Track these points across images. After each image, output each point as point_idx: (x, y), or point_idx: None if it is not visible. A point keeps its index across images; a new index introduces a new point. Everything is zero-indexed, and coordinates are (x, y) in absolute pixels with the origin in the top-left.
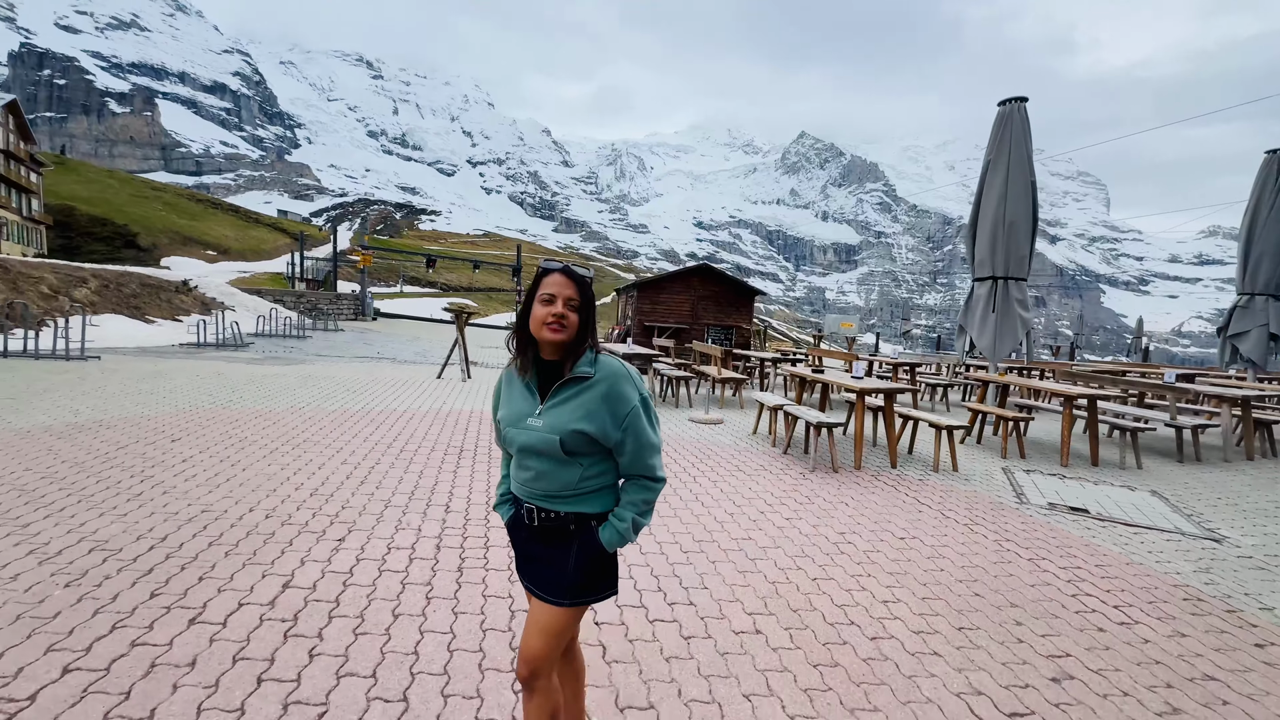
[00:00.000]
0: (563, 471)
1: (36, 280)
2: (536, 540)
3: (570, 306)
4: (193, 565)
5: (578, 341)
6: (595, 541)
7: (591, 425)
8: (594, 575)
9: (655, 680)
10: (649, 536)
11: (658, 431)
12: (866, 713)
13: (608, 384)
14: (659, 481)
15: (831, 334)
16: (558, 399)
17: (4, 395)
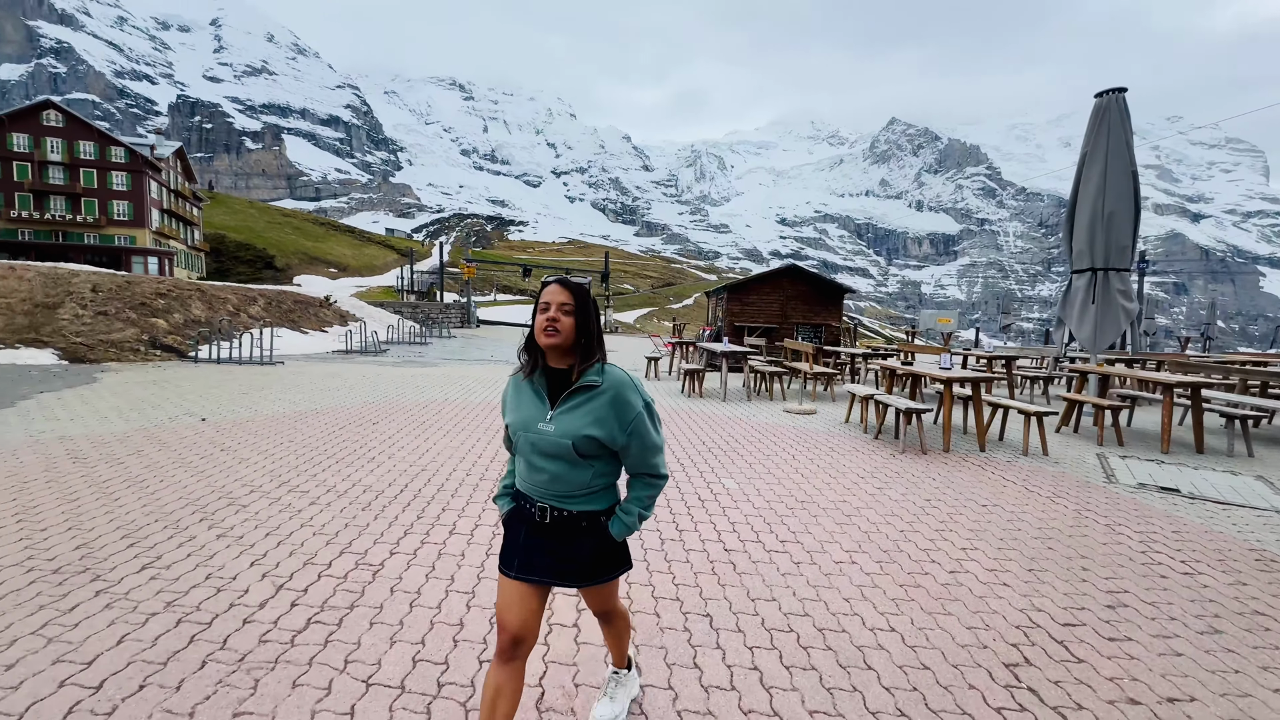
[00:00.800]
0: (575, 473)
1: (223, 301)
2: (545, 535)
3: (563, 311)
4: (435, 499)
5: (578, 345)
6: (605, 534)
7: (601, 430)
8: (608, 561)
9: (775, 585)
10: (755, 494)
11: (660, 433)
12: (942, 615)
13: (614, 392)
14: (662, 479)
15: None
16: (568, 405)
17: (239, 391)
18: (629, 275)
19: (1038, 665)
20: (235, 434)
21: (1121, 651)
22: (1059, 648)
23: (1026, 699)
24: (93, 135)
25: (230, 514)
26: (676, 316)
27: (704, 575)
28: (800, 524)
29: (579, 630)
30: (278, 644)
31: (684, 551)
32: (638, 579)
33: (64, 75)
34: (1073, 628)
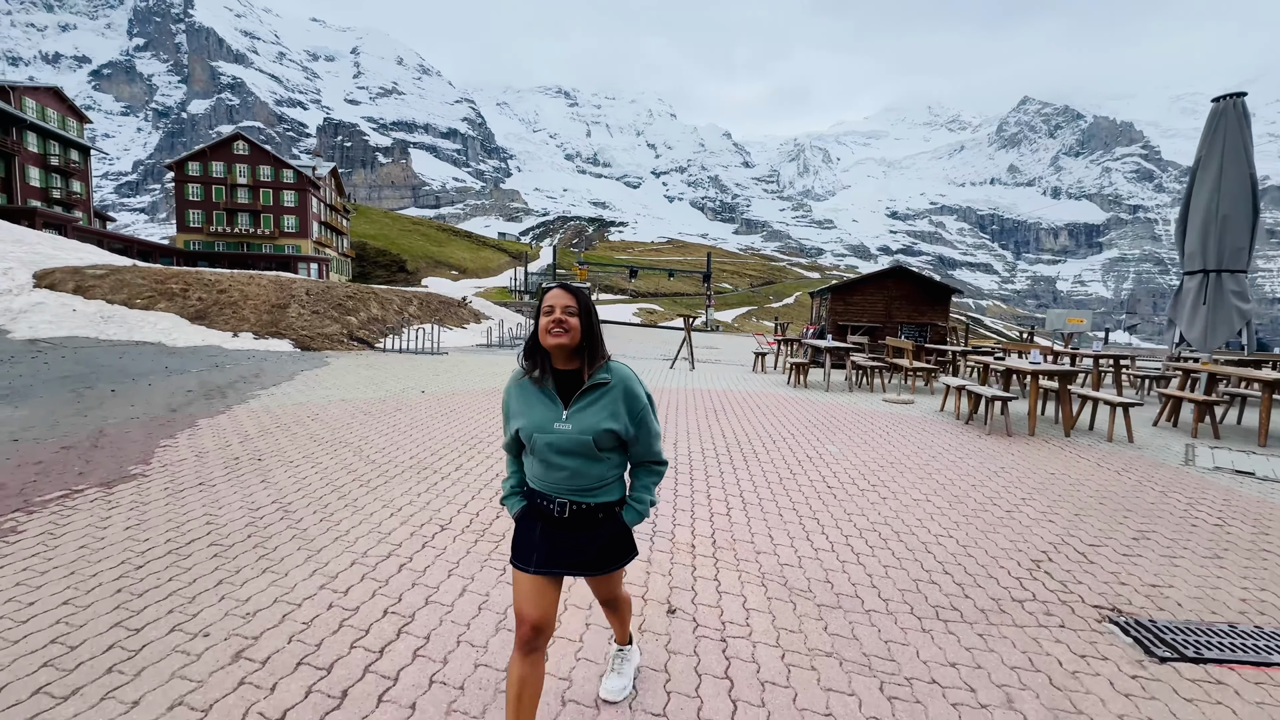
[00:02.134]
0: (594, 467)
1: (390, 302)
2: (563, 529)
3: (568, 313)
4: None
5: (586, 346)
6: (618, 522)
7: (617, 423)
8: (621, 548)
9: (865, 509)
10: (853, 455)
11: (658, 421)
12: (992, 534)
13: (622, 386)
14: (663, 464)
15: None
16: (583, 403)
17: (431, 373)
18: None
19: (1056, 563)
20: (450, 402)
21: (1129, 562)
22: (1079, 556)
23: (1040, 575)
24: (270, 160)
25: (475, 453)
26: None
27: (811, 499)
28: (888, 476)
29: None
30: None
31: (796, 486)
32: (766, 495)
33: (237, 106)
34: (1096, 548)
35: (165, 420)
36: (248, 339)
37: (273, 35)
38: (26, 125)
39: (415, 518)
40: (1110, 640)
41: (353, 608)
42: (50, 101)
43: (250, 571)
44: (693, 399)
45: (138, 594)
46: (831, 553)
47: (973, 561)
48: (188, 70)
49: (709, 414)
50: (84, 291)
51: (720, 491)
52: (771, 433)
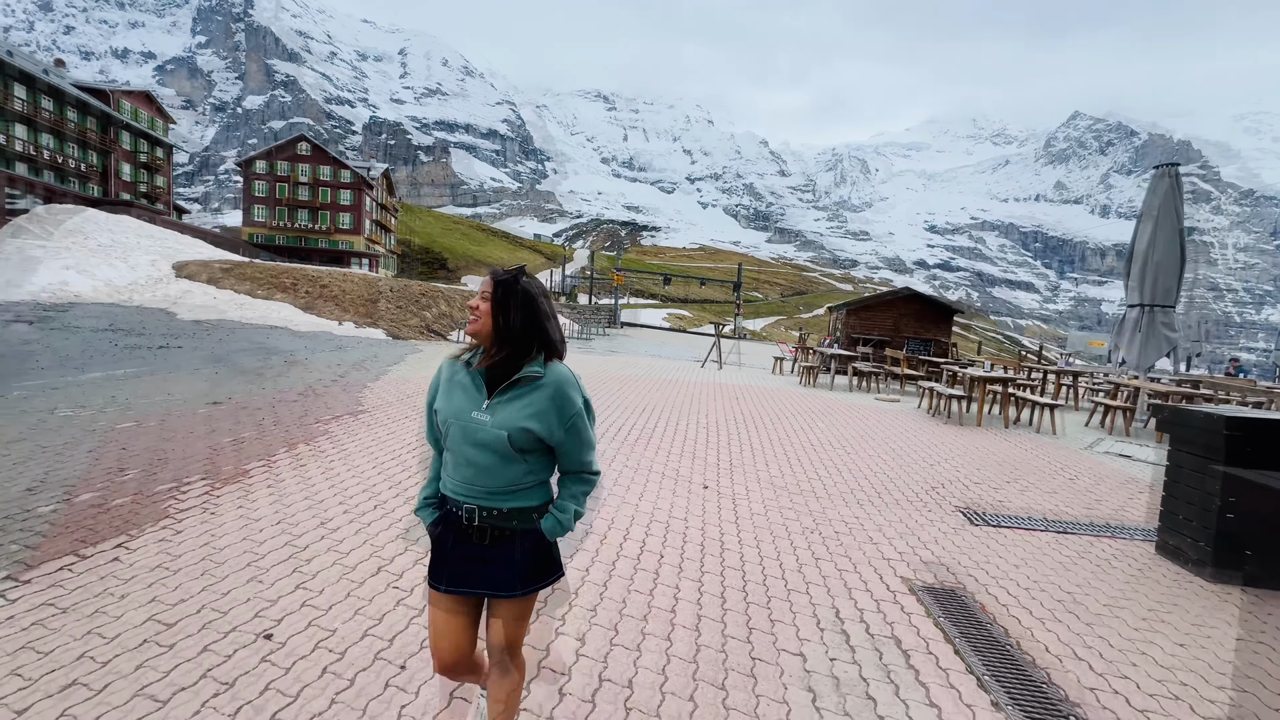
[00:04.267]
0: (506, 468)
1: (453, 300)
2: (476, 539)
3: (483, 298)
4: (674, 420)
5: (506, 339)
6: (537, 532)
7: (538, 424)
8: (541, 563)
9: (836, 458)
10: (833, 431)
11: (594, 432)
12: (910, 471)
13: (554, 387)
14: (595, 475)
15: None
16: (506, 396)
17: None
18: (759, 283)
19: (945, 487)
20: None
21: (993, 490)
22: (961, 486)
23: (930, 492)
24: (329, 161)
25: None
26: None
27: (798, 449)
28: (855, 442)
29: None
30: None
31: (789, 443)
32: (767, 446)
33: (289, 103)
34: (976, 484)
35: (342, 383)
36: (350, 327)
37: (325, 35)
38: (122, 125)
39: None
40: (955, 519)
41: None
42: (142, 103)
43: None
44: (719, 390)
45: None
46: (803, 474)
47: (891, 484)
48: (244, 67)
49: (731, 400)
50: (215, 282)
51: (737, 443)
52: (778, 414)
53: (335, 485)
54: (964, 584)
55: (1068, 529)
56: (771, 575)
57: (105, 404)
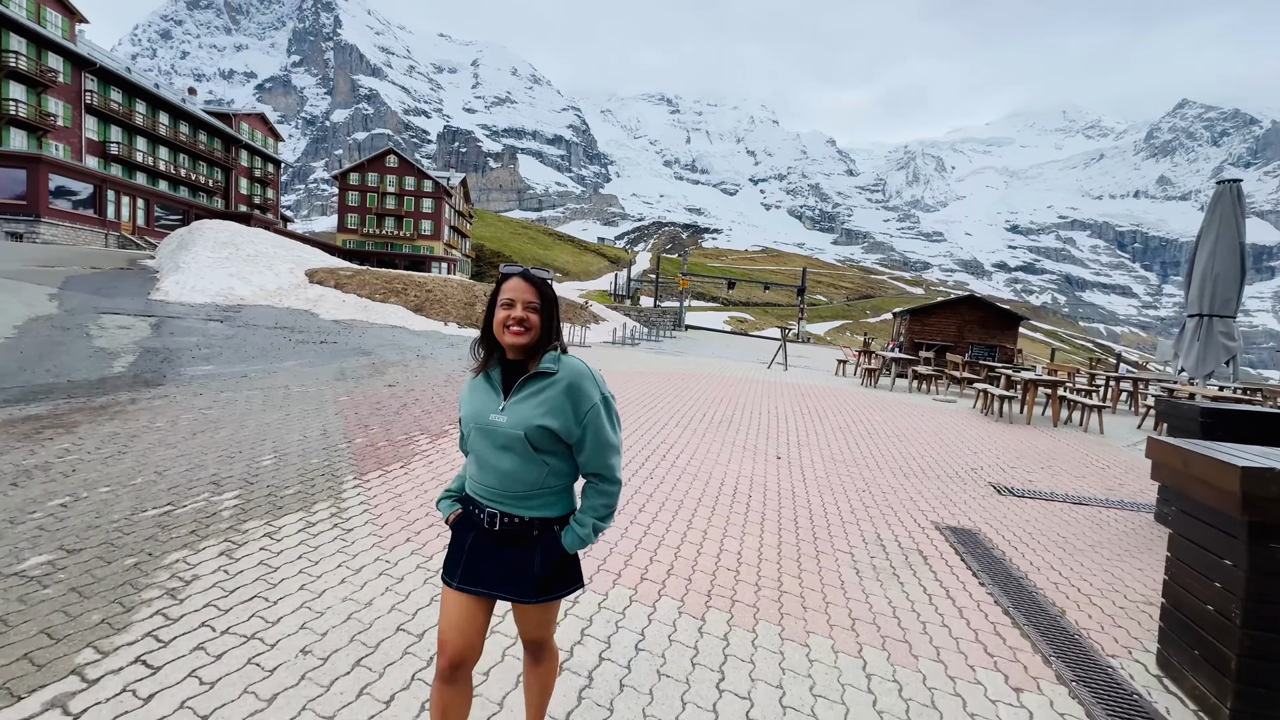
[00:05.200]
0: (528, 470)
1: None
2: (495, 544)
3: (530, 309)
4: (748, 409)
5: (542, 342)
6: (557, 544)
7: (555, 420)
8: (559, 574)
9: (890, 444)
10: (890, 423)
11: (618, 433)
12: (956, 457)
13: (569, 380)
14: (616, 484)
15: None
16: (521, 394)
17: (596, 360)
18: (823, 286)
19: (985, 471)
20: (628, 380)
21: (1025, 473)
22: (999, 468)
23: (971, 474)
24: (414, 172)
25: (655, 402)
26: (867, 331)
27: (856, 436)
28: (908, 433)
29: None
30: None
31: (849, 431)
32: (829, 432)
33: (371, 115)
34: (1013, 467)
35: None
36: (454, 328)
37: (405, 50)
38: (241, 144)
39: (650, 420)
40: (985, 490)
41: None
42: (257, 124)
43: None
44: (785, 388)
45: (622, 403)
46: (859, 453)
47: (934, 464)
48: (333, 83)
49: (797, 396)
50: (340, 287)
51: (802, 428)
52: (839, 408)
53: None
54: (979, 528)
55: (1082, 502)
56: (831, 513)
57: (315, 382)
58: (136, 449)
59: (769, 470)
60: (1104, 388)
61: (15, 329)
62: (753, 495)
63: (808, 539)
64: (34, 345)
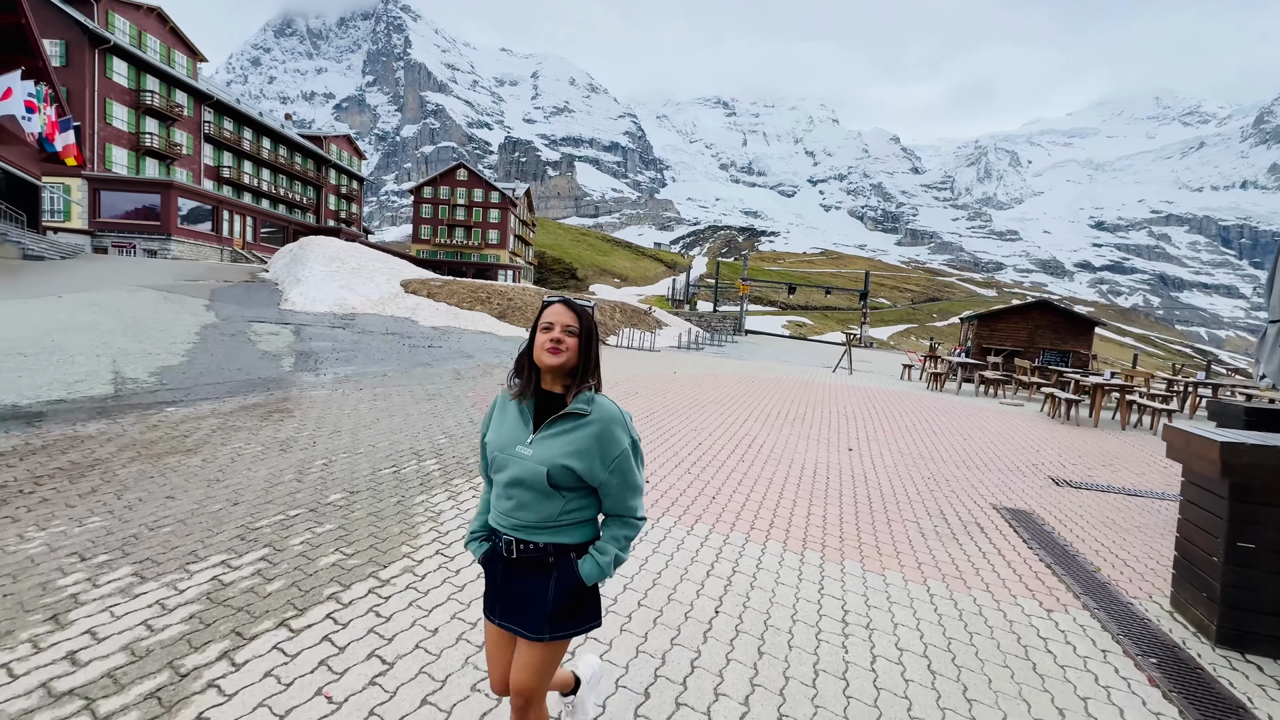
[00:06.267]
0: (545, 504)
1: (604, 309)
2: (515, 573)
3: (568, 332)
4: (818, 408)
5: (580, 370)
6: (574, 573)
7: (580, 463)
8: (573, 607)
9: (952, 442)
10: (955, 423)
11: (642, 474)
12: (1020, 453)
13: (601, 425)
14: (640, 520)
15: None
16: (550, 431)
17: (664, 363)
18: (886, 289)
19: (1046, 466)
20: (704, 382)
21: (1085, 469)
22: (1059, 463)
23: (1032, 468)
24: (482, 184)
25: (733, 401)
26: (933, 335)
27: (923, 434)
28: (974, 433)
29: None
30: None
31: (915, 430)
32: (895, 430)
33: (437, 129)
34: (1073, 464)
35: None
36: None
37: (469, 65)
38: (331, 164)
39: (732, 415)
40: (1044, 481)
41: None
42: (344, 145)
43: (681, 417)
44: (851, 390)
45: (703, 401)
46: (924, 447)
47: (996, 459)
48: (403, 100)
49: (863, 398)
50: (433, 296)
51: (870, 425)
52: (904, 409)
53: None
54: (1033, 510)
55: (1137, 494)
56: (899, 493)
57: (440, 381)
58: (346, 429)
59: (842, 459)
60: (1182, 393)
61: (197, 335)
62: (830, 478)
63: (879, 511)
64: (219, 349)
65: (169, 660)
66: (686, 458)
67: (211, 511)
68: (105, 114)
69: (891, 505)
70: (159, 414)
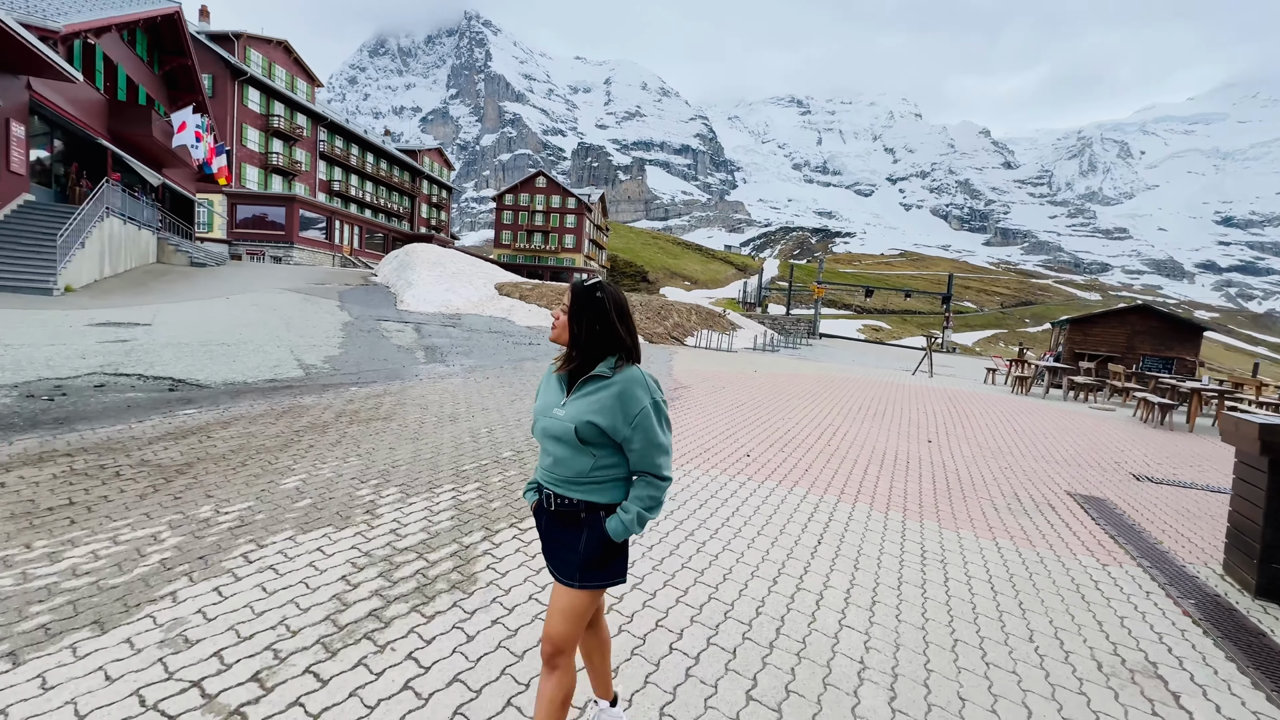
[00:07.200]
0: (577, 459)
1: (683, 312)
2: (555, 525)
3: (564, 309)
4: (899, 406)
5: (581, 345)
6: (603, 530)
7: (603, 419)
8: (601, 560)
9: (1027, 437)
10: (1039, 423)
11: (668, 435)
12: (1103, 451)
13: (621, 385)
14: (665, 480)
15: None
16: (579, 393)
17: (743, 363)
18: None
19: (1130, 465)
20: (782, 379)
21: (1172, 469)
22: (1145, 464)
23: (1114, 466)
24: (559, 191)
25: (820, 393)
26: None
27: (1002, 431)
28: (1055, 434)
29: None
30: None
31: (1000, 429)
32: (979, 426)
33: (514, 138)
34: (1161, 463)
35: (661, 370)
36: None
37: (545, 75)
38: (424, 175)
39: (816, 409)
40: (1124, 477)
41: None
42: (435, 157)
43: (768, 409)
44: (931, 391)
45: (786, 396)
46: (1004, 443)
47: (1078, 456)
48: (483, 110)
49: (944, 399)
50: (524, 298)
51: (950, 422)
52: (986, 410)
53: (704, 420)
54: (1108, 498)
55: (1220, 491)
56: (975, 478)
57: None
58: (492, 406)
59: (922, 449)
60: None
61: (342, 331)
62: (909, 463)
63: (956, 489)
64: (363, 343)
65: (453, 539)
66: (778, 439)
67: (425, 459)
68: (242, 137)
69: (968, 487)
70: (348, 391)
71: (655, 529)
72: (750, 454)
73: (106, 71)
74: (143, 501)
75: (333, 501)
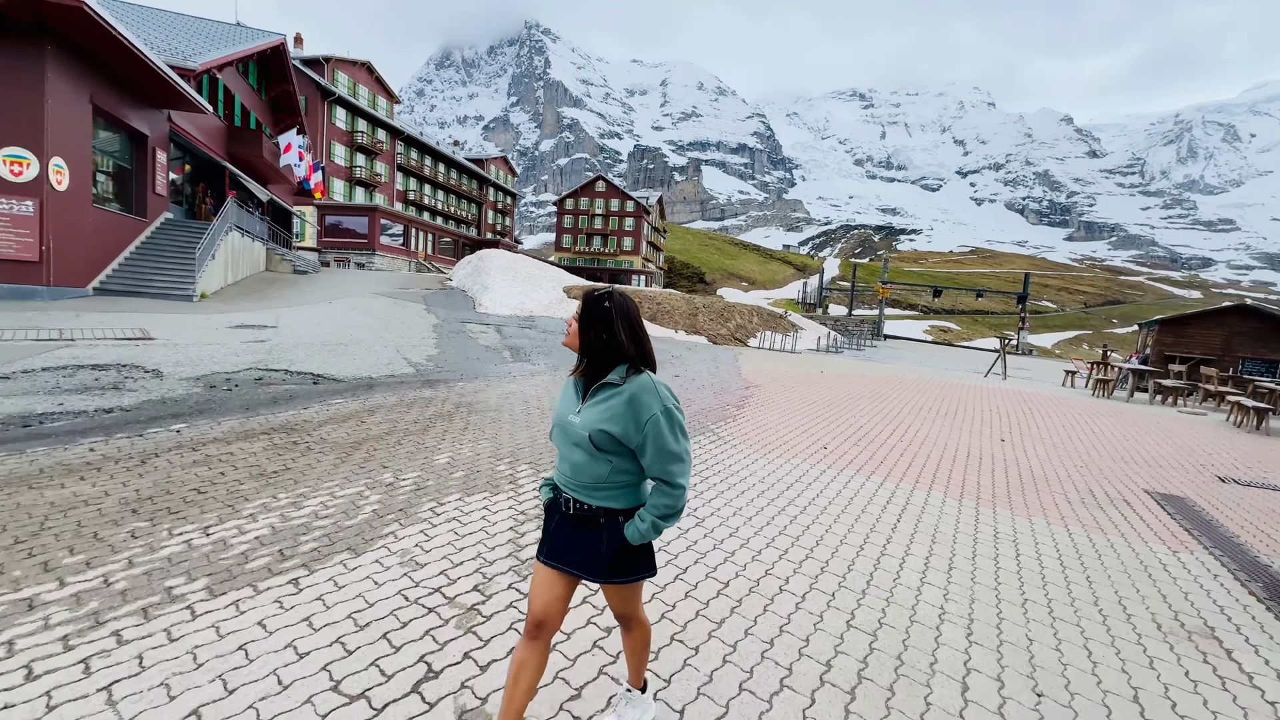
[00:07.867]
0: (593, 465)
1: (744, 314)
2: (570, 525)
3: (575, 317)
4: (970, 406)
5: (591, 352)
6: (622, 535)
7: (615, 426)
8: (626, 561)
9: (1103, 439)
10: (1120, 426)
11: (682, 443)
12: (1184, 453)
13: (631, 392)
14: (678, 488)
15: None
16: (593, 401)
17: (813, 363)
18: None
19: (1216, 468)
20: (849, 379)
21: (1272, 472)
22: (1233, 468)
23: (1199, 468)
24: (618, 195)
25: (884, 393)
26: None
27: (1082, 434)
28: (1137, 436)
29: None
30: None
31: (1077, 431)
32: (1055, 427)
33: (572, 142)
34: (1249, 469)
35: (719, 373)
36: (683, 334)
37: (601, 79)
38: (490, 183)
39: (885, 409)
40: (1208, 478)
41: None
42: (501, 165)
43: (839, 408)
44: (1004, 393)
45: (854, 396)
46: (1081, 445)
47: (1159, 458)
48: (542, 117)
49: (1018, 400)
50: None
51: (1023, 423)
52: (1063, 412)
53: (779, 416)
54: (1189, 497)
55: None
56: (1049, 475)
57: None
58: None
59: (995, 448)
60: None
61: (434, 332)
62: (982, 459)
63: (1029, 484)
64: (455, 343)
65: None
66: (851, 435)
67: (541, 443)
68: (330, 152)
69: (1041, 481)
70: (456, 386)
71: (754, 504)
72: (827, 446)
73: (225, 100)
74: (338, 469)
75: (480, 474)
